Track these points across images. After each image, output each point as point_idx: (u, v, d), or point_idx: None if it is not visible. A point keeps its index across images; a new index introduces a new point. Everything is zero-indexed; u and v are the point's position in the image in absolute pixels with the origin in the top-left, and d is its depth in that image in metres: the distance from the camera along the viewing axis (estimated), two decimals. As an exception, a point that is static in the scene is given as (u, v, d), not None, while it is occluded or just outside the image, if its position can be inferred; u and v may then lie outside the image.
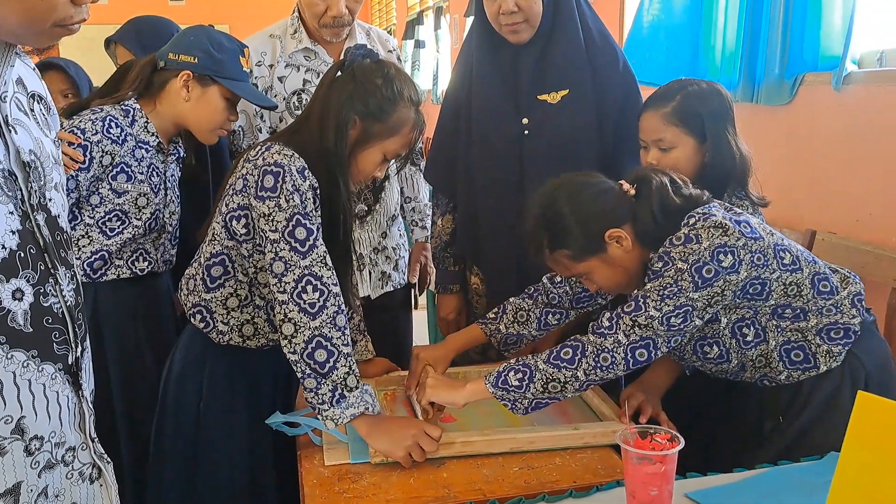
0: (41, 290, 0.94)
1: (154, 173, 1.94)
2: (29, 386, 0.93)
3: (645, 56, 2.94)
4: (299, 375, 1.43)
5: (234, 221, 1.54)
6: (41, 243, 0.95)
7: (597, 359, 1.39)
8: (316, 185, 1.48)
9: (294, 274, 1.42)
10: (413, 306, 2.54)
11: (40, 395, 0.94)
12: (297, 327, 1.41)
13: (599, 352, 1.39)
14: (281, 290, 1.43)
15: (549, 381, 1.41)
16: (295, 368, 1.43)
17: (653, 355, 1.40)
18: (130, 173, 1.88)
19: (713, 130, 1.66)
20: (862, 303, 1.48)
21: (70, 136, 1.79)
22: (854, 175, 2.20)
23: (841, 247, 2.16)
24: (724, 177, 1.66)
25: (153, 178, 1.93)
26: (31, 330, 0.93)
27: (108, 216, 1.88)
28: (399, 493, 1.35)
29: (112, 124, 1.85)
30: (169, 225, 2.02)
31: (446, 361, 1.74)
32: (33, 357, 0.93)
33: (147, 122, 1.91)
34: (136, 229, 1.92)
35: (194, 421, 1.63)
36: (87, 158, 1.81)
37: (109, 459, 1.08)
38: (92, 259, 1.89)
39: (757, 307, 1.45)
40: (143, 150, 1.91)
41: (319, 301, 1.42)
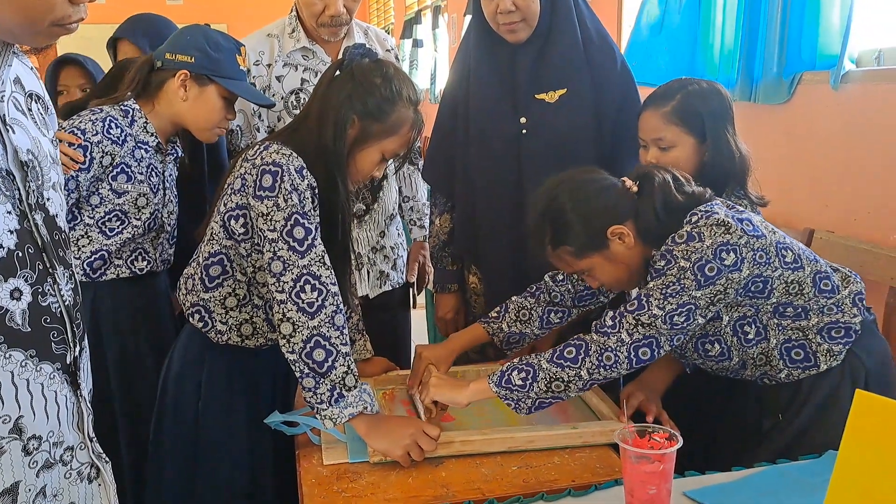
0: (39, 290, 0.94)
1: (153, 173, 1.94)
2: (27, 385, 0.93)
3: (646, 57, 2.94)
4: (298, 375, 1.43)
5: (233, 221, 1.53)
6: (39, 243, 0.95)
7: (600, 358, 1.39)
8: (314, 185, 1.48)
9: (292, 273, 1.42)
10: (411, 305, 2.55)
11: (38, 395, 0.94)
12: (296, 327, 1.41)
13: (603, 351, 1.39)
14: (279, 290, 1.42)
15: (553, 380, 1.41)
16: (293, 368, 1.43)
17: (656, 354, 1.40)
18: (130, 174, 1.89)
19: (713, 130, 1.66)
20: (863, 302, 1.49)
21: (70, 137, 1.79)
22: (852, 174, 2.20)
23: (839, 246, 2.16)
24: (724, 176, 1.66)
25: (152, 179, 1.94)
26: (30, 329, 0.93)
27: (108, 216, 1.89)
28: (398, 493, 1.35)
29: (112, 125, 1.85)
30: (167, 224, 2.02)
31: (449, 361, 1.74)
32: (31, 356, 0.93)
33: (146, 123, 1.91)
34: (136, 229, 1.92)
35: (193, 420, 1.63)
36: (88, 159, 1.81)
37: (108, 459, 1.07)
38: (91, 259, 1.89)
39: (758, 305, 1.45)
40: (143, 151, 1.91)
41: (318, 300, 1.42)
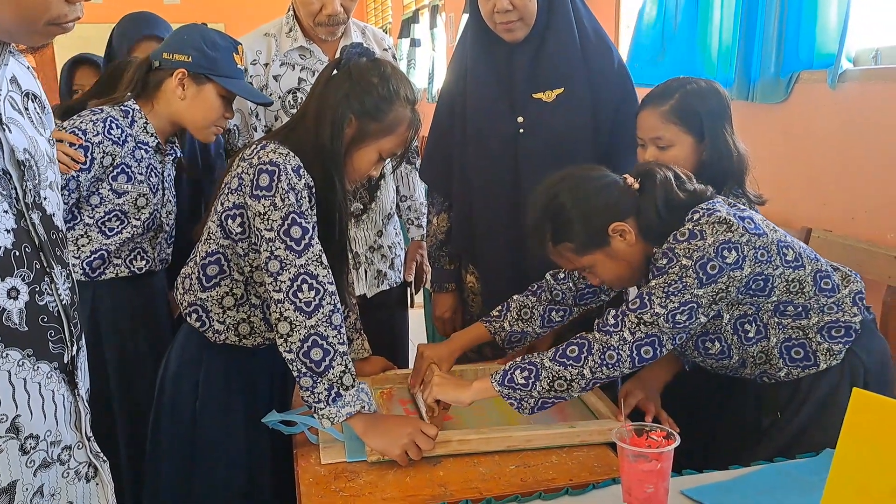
0: (36, 289, 0.94)
1: (153, 174, 1.94)
2: (24, 385, 0.93)
3: (647, 59, 2.94)
4: (295, 374, 1.43)
5: (230, 220, 1.53)
6: (36, 242, 0.95)
7: (602, 356, 1.39)
8: (311, 184, 1.48)
9: (290, 273, 1.42)
10: (409, 305, 2.55)
11: (35, 394, 0.94)
12: (293, 326, 1.41)
13: (605, 349, 1.39)
14: (276, 289, 1.42)
15: (556, 379, 1.41)
16: (291, 367, 1.43)
17: (658, 353, 1.40)
18: (130, 174, 1.89)
19: (711, 129, 1.66)
20: (863, 301, 1.49)
21: (71, 137, 1.80)
22: (849, 172, 2.20)
23: (836, 244, 2.17)
24: (722, 175, 1.66)
25: (152, 179, 1.94)
26: (27, 329, 0.93)
27: (108, 216, 1.89)
28: (395, 492, 1.35)
29: (113, 125, 1.85)
30: (166, 224, 2.02)
31: (451, 360, 1.74)
32: (29, 356, 0.93)
33: (146, 123, 1.92)
34: (135, 229, 1.92)
35: (191, 420, 1.63)
36: (89, 159, 1.82)
37: (105, 458, 1.07)
38: (91, 258, 1.90)
39: (759, 304, 1.45)
40: (143, 151, 1.91)
41: (315, 300, 1.42)
